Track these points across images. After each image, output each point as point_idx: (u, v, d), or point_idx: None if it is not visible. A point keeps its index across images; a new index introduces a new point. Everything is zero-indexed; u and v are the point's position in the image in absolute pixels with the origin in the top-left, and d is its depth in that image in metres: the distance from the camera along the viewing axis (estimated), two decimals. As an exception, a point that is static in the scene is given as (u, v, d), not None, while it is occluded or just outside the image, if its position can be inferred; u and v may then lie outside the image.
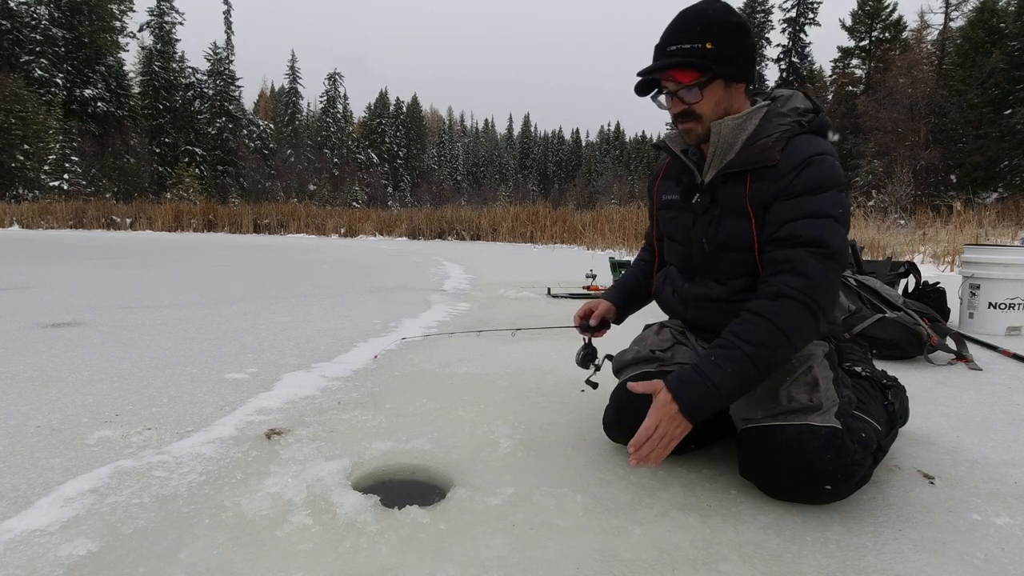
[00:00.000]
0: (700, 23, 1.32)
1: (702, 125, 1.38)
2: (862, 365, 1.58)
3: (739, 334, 1.25)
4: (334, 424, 1.77)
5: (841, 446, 1.24)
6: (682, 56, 1.32)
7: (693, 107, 1.36)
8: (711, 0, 1.36)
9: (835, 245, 1.26)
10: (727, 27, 1.33)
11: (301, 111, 67.09)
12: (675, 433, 1.24)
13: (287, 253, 11.25)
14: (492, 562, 1.07)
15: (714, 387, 1.23)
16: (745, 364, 1.23)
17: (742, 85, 1.39)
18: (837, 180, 1.31)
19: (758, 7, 44.09)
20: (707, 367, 1.24)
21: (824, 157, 1.31)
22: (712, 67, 1.32)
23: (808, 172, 1.29)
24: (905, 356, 2.74)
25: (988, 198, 23.94)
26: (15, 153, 32.04)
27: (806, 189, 1.29)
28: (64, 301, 4.25)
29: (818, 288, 1.25)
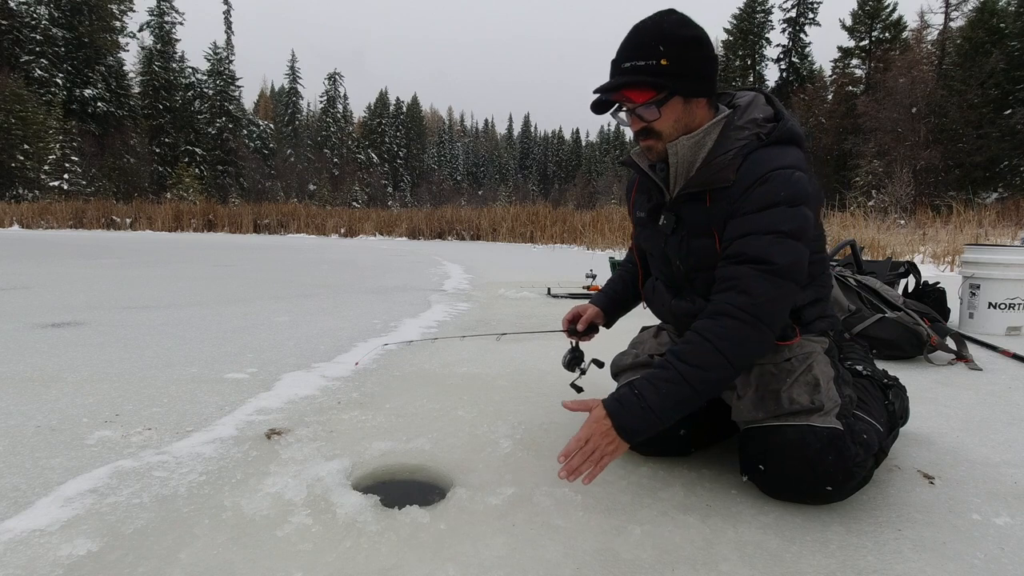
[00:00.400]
0: (655, 38, 1.27)
1: (663, 142, 1.34)
2: (863, 364, 1.59)
3: (678, 354, 1.24)
4: (334, 424, 1.77)
5: (842, 447, 1.24)
6: (637, 74, 1.27)
7: (652, 125, 1.32)
8: (667, 12, 1.31)
9: (780, 262, 1.22)
10: (683, 41, 1.27)
11: (301, 111, 67.12)
12: (607, 450, 1.20)
13: (287, 253, 11.25)
14: (492, 562, 1.07)
15: (649, 408, 1.20)
16: (680, 386, 1.21)
17: (703, 99, 1.33)
18: (793, 195, 1.25)
19: (758, 7, 44.07)
20: (644, 387, 1.22)
21: (780, 172, 1.26)
22: (668, 84, 1.27)
23: (761, 189, 1.25)
24: (905, 356, 2.74)
25: (988, 198, 23.94)
26: (15, 153, 32.03)
27: (757, 206, 1.25)
28: (64, 301, 4.25)
29: (761, 306, 1.21)
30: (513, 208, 20.82)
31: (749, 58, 45.39)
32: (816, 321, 1.42)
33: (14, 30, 36.48)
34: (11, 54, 36.21)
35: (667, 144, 1.33)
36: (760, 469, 1.32)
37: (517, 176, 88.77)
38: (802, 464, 1.24)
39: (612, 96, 1.31)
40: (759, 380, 1.37)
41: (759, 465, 1.32)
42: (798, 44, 42.88)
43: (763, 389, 1.35)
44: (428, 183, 66.89)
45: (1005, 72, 26.05)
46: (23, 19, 37.00)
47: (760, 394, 1.35)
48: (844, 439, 1.25)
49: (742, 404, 1.36)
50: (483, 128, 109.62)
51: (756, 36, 44.63)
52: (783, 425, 1.29)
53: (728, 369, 1.23)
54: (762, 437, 1.31)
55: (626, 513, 1.26)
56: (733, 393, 1.41)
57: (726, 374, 1.24)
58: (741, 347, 1.22)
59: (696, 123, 1.33)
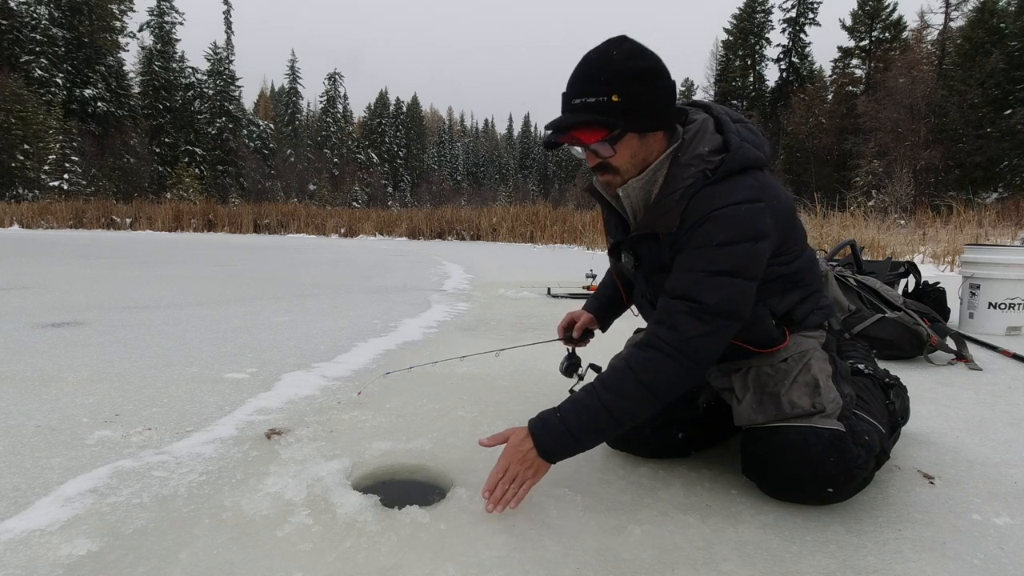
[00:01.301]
0: (604, 72, 1.20)
1: (621, 177, 1.30)
2: (865, 363, 1.58)
3: (604, 381, 1.24)
4: (334, 424, 1.77)
5: (844, 448, 1.23)
6: (586, 112, 1.20)
7: (608, 161, 1.27)
8: (617, 41, 1.23)
9: (708, 301, 1.20)
10: (634, 74, 1.20)
11: (301, 111, 67.13)
12: (527, 474, 1.23)
13: (287, 253, 11.25)
14: (492, 562, 1.07)
15: (569, 432, 1.22)
16: (600, 413, 1.22)
17: (659, 133, 1.27)
18: (735, 234, 1.20)
19: (758, 7, 44.07)
20: (567, 411, 1.24)
21: (723, 211, 1.21)
22: (619, 122, 1.21)
23: (704, 228, 1.22)
24: (905, 356, 2.74)
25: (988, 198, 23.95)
26: (15, 153, 32.04)
27: (696, 244, 1.23)
28: (64, 301, 4.25)
29: (687, 342, 1.20)
30: (513, 208, 20.82)
31: (749, 58, 45.39)
32: (810, 316, 1.41)
33: (14, 30, 36.49)
34: (11, 54, 36.21)
35: (622, 182, 1.30)
36: (762, 469, 1.32)
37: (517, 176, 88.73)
38: (804, 465, 1.24)
39: (561, 138, 1.25)
40: (756, 383, 1.36)
41: (761, 465, 1.32)
42: (798, 44, 42.89)
43: (761, 392, 1.34)
44: (428, 183, 66.89)
45: (1005, 72, 26.06)
46: (23, 19, 37.01)
47: (759, 397, 1.34)
48: (846, 440, 1.24)
49: (742, 408, 1.36)
50: (483, 128, 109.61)
51: (756, 36, 44.64)
52: (785, 426, 1.28)
53: (650, 401, 1.23)
54: (764, 438, 1.31)
55: (626, 513, 1.26)
56: (732, 396, 1.40)
57: (648, 405, 1.24)
58: (664, 381, 1.22)
59: (653, 156, 1.29)
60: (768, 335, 1.35)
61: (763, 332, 1.34)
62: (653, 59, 1.23)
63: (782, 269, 1.34)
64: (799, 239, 1.38)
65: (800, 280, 1.39)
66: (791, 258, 1.35)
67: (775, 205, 1.26)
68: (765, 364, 1.36)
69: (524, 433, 1.25)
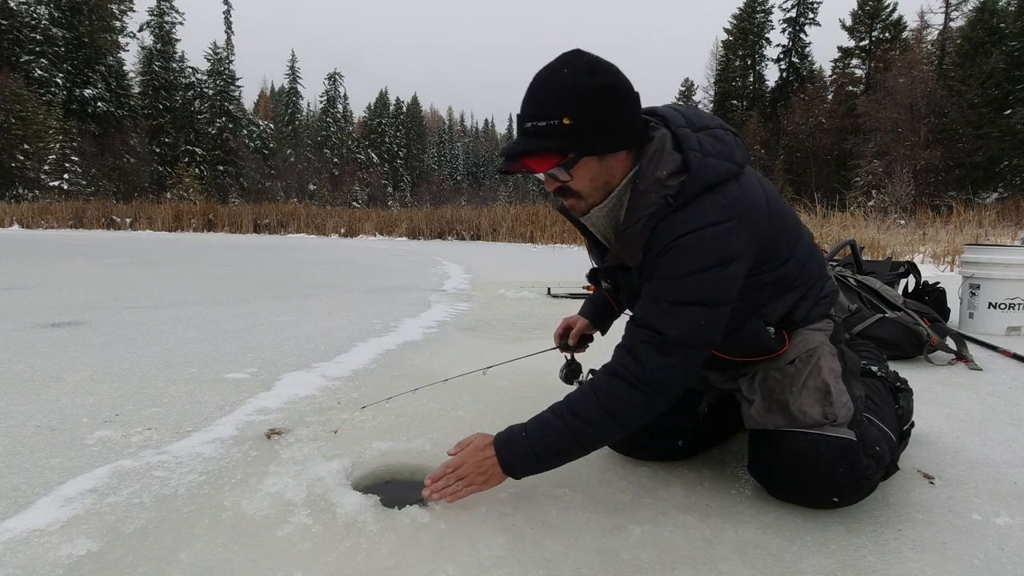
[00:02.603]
0: (555, 93, 1.12)
1: (585, 201, 1.23)
2: (878, 365, 1.57)
3: (571, 403, 1.22)
4: (334, 424, 1.77)
5: (854, 460, 1.20)
6: (537, 138, 1.13)
7: (567, 185, 1.21)
8: (571, 56, 1.15)
9: (671, 333, 1.15)
10: (587, 94, 1.11)
11: (301, 111, 67.14)
12: (476, 480, 1.22)
13: (287, 253, 11.25)
14: (492, 562, 1.07)
15: (533, 452, 1.21)
16: (564, 436, 1.21)
17: (622, 153, 1.19)
18: (701, 261, 1.14)
19: (758, 7, 44.08)
20: (532, 430, 1.23)
21: (689, 237, 1.14)
22: (572, 147, 1.14)
23: (667, 258, 1.16)
24: (905, 356, 2.74)
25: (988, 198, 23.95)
26: (15, 153, 32.04)
27: (661, 273, 1.18)
28: (64, 301, 4.25)
29: (650, 373, 1.17)
30: (513, 208, 20.80)
31: (749, 58, 45.40)
32: (813, 309, 1.35)
33: (14, 30, 36.49)
34: (11, 54, 36.22)
35: (586, 206, 1.24)
36: (768, 472, 1.30)
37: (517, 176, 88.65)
38: (812, 474, 1.22)
39: (512, 167, 1.18)
40: (763, 387, 1.32)
41: (767, 468, 1.30)
42: (798, 44, 42.91)
43: (770, 398, 1.30)
44: (428, 183, 66.89)
45: (1005, 72, 26.08)
46: (23, 19, 37.01)
47: (768, 403, 1.30)
48: (856, 451, 1.21)
49: (752, 411, 1.32)
50: (483, 128, 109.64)
51: (756, 36, 44.65)
52: (795, 432, 1.25)
53: (615, 430, 1.22)
54: (773, 442, 1.28)
55: (626, 513, 1.26)
56: (741, 396, 1.38)
57: (613, 433, 1.23)
58: (630, 411, 1.20)
59: (617, 179, 1.21)
60: (764, 345, 1.30)
61: (759, 343, 1.30)
62: (609, 75, 1.14)
63: (770, 276, 1.28)
64: (788, 238, 1.29)
65: (794, 280, 1.32)
66: (780, 261, 1.28)
67: (752, 215, 1.18)
68: (772, 367, 1.32)
69: (489, 441, 1.25)
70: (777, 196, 1.30)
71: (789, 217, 1.32)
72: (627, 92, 1.17)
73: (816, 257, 1.39)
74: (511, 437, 1.24)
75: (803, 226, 1.38)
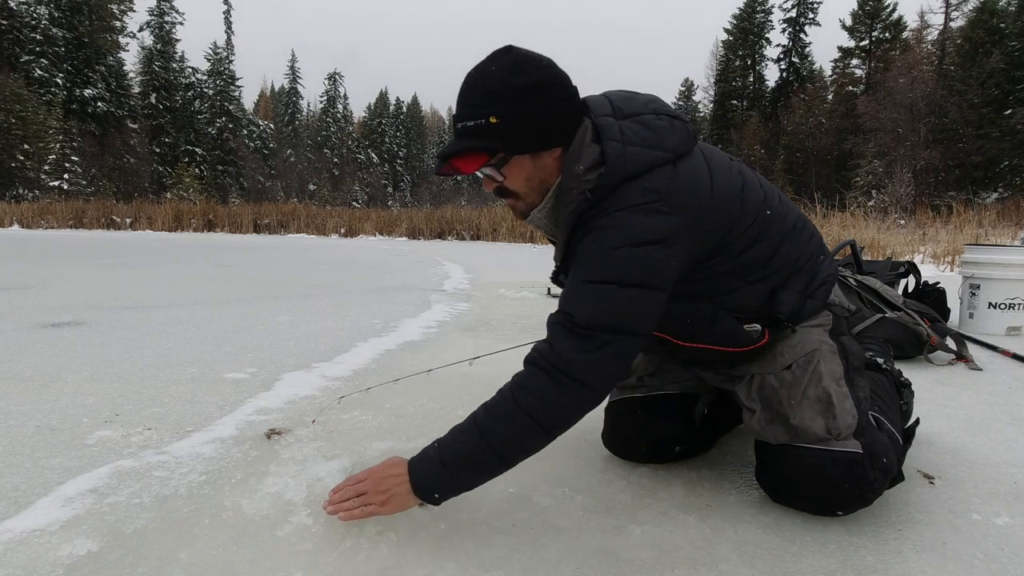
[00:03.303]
0: (482, 92, 1.11)
1: (523, 201, 1.21)
2: (884, 358, 1.56)
3: (487, 403, 1.12)
4: (334, 424, 1.77)
5: (861, 474, 1.17)
6: (466, 138, 1.11)
7: (503, 185, 1.18)
8: (500, 54, 1.13)
9: (578, 314, 1.08)
10: (513, 93, 1.09)
11: (301, 111, 67.15)
12: (375, 499, 1.10)
13: (287, 253, 11.25)
14: (492, 562, 1.07)
15: (443, 463, 1.09)
16: (475, 441, 1.09)
17: (556, 149, 1.16)
18: (613, 240, 1.09)
19: (758, 7, 44.08)
20: (446, 439, 1.12)
21: (605, 219, 1.10)
22: (500, 146, 1.12)
23: (584, 242, 1.13)
24: (905, 356, 2.74)
25: (988, 198, 23.97)
26: (15, 153, 32.03)
27: (577, 258, 1.14)
28: (64, 301, 4.25)
29: (564, 359, 1.07)
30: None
31: (749, 58, 45.41)
32: (807, 303, 1.27)
33: (14, 30, 36.49)
34: (11, 54, 36.21)
35: (526, 206, 1.22)
36: (773, 483, 1.28)
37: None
38: (817, 490, 1.20)
39: (442, 168, 1.16)
40: (761, 395, 1.27)
41: (772, 479, 1.27)
42: (798, 44, 42.92)
43: (770, 409, 1.25)
44: (428, 183, 66.89)
45: (1005, 72, 26.09)
46: (23, 19, 37.00)
47: (769, 414, 1.25)
48: (863, 465, 1.17)
49: (753, 422, 1.28)
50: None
51: (756, 36, 44.66)
52: (799, 448, 1.21)
53: (530, 427, 1.08)
54: (777, 456, 1.24)
55: (626, 513, 1.26)
56: (743, 403, 1.32)
57: (532, 436, 1.10)
58: (544, 404, 1.08)
59: (553, 177, 1.18)
60: (734, 336, 1.23)
61: (726, 334, 1.22)
62: (538, 70, 1.12)
63: (727, 266, 1.20)
64: (749, 224, 1.20)
65: (765, 269, 1.23)
66: (739, 249, 1.20)
67: (683, 200, 1.11)
68: (768, 372, 1.26)
69: (401, 461, 1.14)
70: (732, 179, 1.20)
71: (752, 201, 1.21)
72: (557, 88, 1.14)
73: (800, 242, 1.29)
74: (424, 453, 1.13)
75: (785, 208, 1.28)
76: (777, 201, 1.28)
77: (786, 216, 1.28)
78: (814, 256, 1.31)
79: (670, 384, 1.48)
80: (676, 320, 1.21)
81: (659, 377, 1.49)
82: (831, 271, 1.33)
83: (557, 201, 1.19)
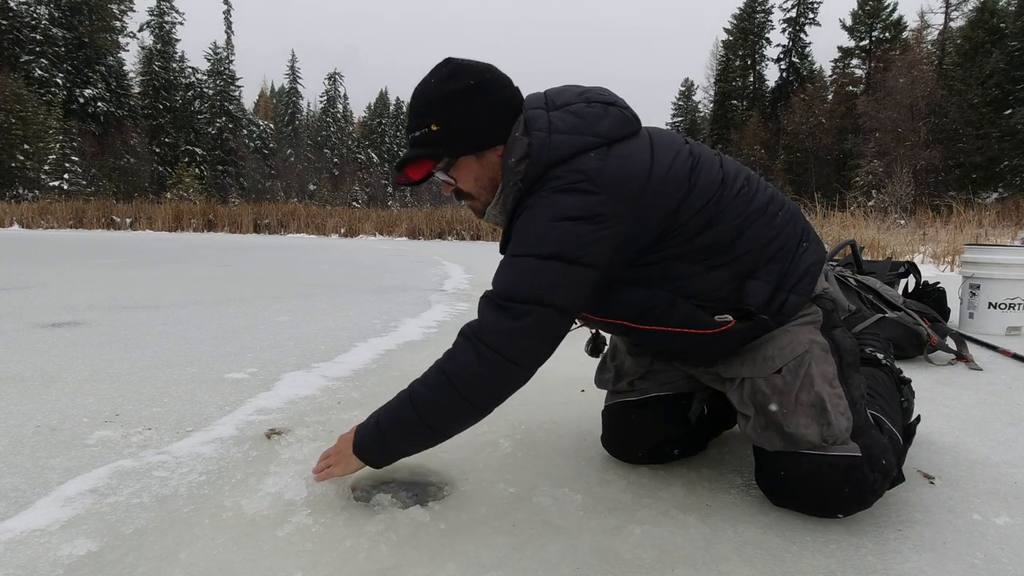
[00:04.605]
0: (423, 103, 1.20)
1: (478, 200, 1.28)
2: (883, 353, 1.55)
3: (423, 373, 1.19)
4: (334, 424, 1.77)
5: (860, 478, 1.16)
6: (414, 147, 1.21)
7: (458, 187, 1.26)
8: (439, 66, 1.22)
9: (498, 286, 1.14)
10: (449, 98, 1.18)
11: (301, 111, 67.13)
12: (333, 462, 1.25)
13: (287, 253, 11.25)
14: (492, 562, 1.07)
15: (376, 425, 1.20)
16: (405, 404, 1.17)
17: (499, 147, 1.22)
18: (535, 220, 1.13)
19: (758, 7, 44.09)
20: (385, 407, 1.21)
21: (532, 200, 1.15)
22: (442, 151, 1.21)
23: (515, 224, 1.19)
24: (905, 356, 2.74)
25: (988, 198, 23.97)
26: (15, 153, 32.05)
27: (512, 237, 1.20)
28: (64, 301, 4.25)
29: (486, 331, 1.12)
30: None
31: (749, 58, 45.42)
32: (789, 298, 1.21)
33: (14, 30, 36.51)
34: (11, 54, 36.24)
35: (482, 205, 1.29)
36: (771, 487, 1.27)
37: None
38: (816, 495, 1.19)
39: (397, 178, 1.28)
40: (754, 400, 1.24)
41: (770, 483, 1.27)
42: (798, 44, 42.94)
43: (764, 415, 1.22)
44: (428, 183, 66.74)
45: (1005, 72, 26.10)
46: (23, 19, 37.03)
47: (762, 421, 1.22)
48: (862, 468, 1.16)
49: (748, 429, 1.26)
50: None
51: (756, 36, 44.68)
52: (796, 454, 1.19)
53: (453, 397, 1.13)
54: (774, 461, 1.23)
55: (626, 513, 1.26)
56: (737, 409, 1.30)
57: (451, 403, 1.14)
58: (467, 375, 1.13)
59: (500, 175, 1.25)
60: (694, 320, 1.19)
61: (686, 320, 1.19)
62: (473, 76, 1.19)
63: (681, 249, 1.18)
64: (704, 207, 1.18)
65: (723, 256, 1.20)
66: (694, 231, 1.17)
67: (613, 180, 1.12)
68: (758, 376, 1.22)
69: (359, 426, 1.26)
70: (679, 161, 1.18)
71: (706, 183, 1.18)
72: (493, 90, 1.21)
73: (772, 226, 1.23)
74: (369, 418, 1.24)
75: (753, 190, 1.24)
76: (742, 183, 1.24)
77: (752, 198, 1.23)
78: (791, 242, 1.25)
79: (662, 386, 1.46)
80: (630, 307, 1.22)
81: (649, 380, 1.48)
82: (815, 259, 1.27)
83: (504, 198, 1.26)
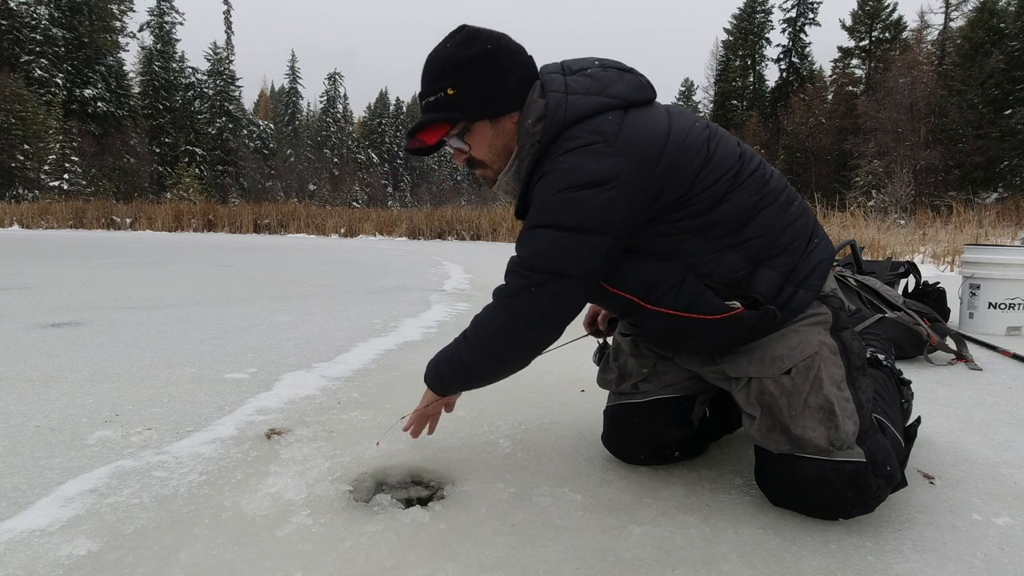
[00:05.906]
0: (439, 68, 1.20)
1: (491, 168, 1.28)
2: (885, 355, 1.55)
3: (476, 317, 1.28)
4: (334, 424, 1.77)
5: (863, 484, 1.16)
6: (429, 111, 1.22)
7: (471, 155, 1.27)
8: (454, 33, 1.22)
9: (521, 254, 1.18)
10: (465, 63, 1.18)
11: (301, 111, 67.15)
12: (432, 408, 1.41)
13: (287, 253, 11.25)
14: (492, 562, 1.07)
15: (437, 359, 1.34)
16: (460, 344, 1.29)
17: (515, 114, 1.23)
18: (554, 186, 1.13)
19: (758, 7, 44.09)
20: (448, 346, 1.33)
21: (550, 164, 1.15)
22: (459, 115, 1.20)
23: (535, 190, 1.19)
24: (905, 356, 2.74)
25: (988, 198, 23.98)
26: (15, 153, 32.05)
27: (532, 205, 1.20)
28: (64, 301, 4.25)
29: (509, 295, 1.20)
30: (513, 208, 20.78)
31: (749, 58, 45.42)
32: (797, 293, 1.21)
33: (14, 30, 36.51)
34: (11, 54, 36.24)
35: (494, 174, 1.29)
36: (773, 490, 1.27)
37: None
38: (819, 499, 1.19)
39: (409, 144, 1.26)
40: (761, 401, 1.23)
41: (772, 485, 1.27)
42: (798, 44, 42.93)
43: (770, 416, 1.21)
44: (428, 183, 66.88)
45: (1005, 72, 26.11)
46: (23, 19, 37.03)
47: (768, 422, 1.22)
48: (866, 474, 1.16)
49: (753, 430, 1.25)
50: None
51: (756, 36, 44.67)
52: (801, 458, 1.19)
53: (489, 352, 1.26)
54: (778, 464, 1.23)
55: (626, 513, 1.26)
56: (742, 409, 1.30)
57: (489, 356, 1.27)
58: (497, 333, 1.24)
59: (514, 142, 1.25)
60: (703, 302, 1.19)
61: (694, 301, 1.19)
62: (488, 42, 1.19)
63: (693, 222, 1.16)
64: (721, 178, 1.16)
65: (736, 236, 1.18)
66: (709, 203, 1.16)
67: (630, 143, 1.11)
68: (766, 376, 1.22)
69: None
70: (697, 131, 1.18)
71: (724, 154, 1.18)
72: (508, 56, 1.21)
73: (788, 214, 1.23)
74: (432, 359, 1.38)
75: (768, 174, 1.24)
76: (758, 164, 1.24)
77: (768, 181, 1.23)
78: (802, 236, 1.24)
79: (666, 388, 1.45)
80: (642, 278, 1.21)
81: (653, 382, 1.46)
82: (825, 256, 1.26)
83: (518, 164, 1.25)
